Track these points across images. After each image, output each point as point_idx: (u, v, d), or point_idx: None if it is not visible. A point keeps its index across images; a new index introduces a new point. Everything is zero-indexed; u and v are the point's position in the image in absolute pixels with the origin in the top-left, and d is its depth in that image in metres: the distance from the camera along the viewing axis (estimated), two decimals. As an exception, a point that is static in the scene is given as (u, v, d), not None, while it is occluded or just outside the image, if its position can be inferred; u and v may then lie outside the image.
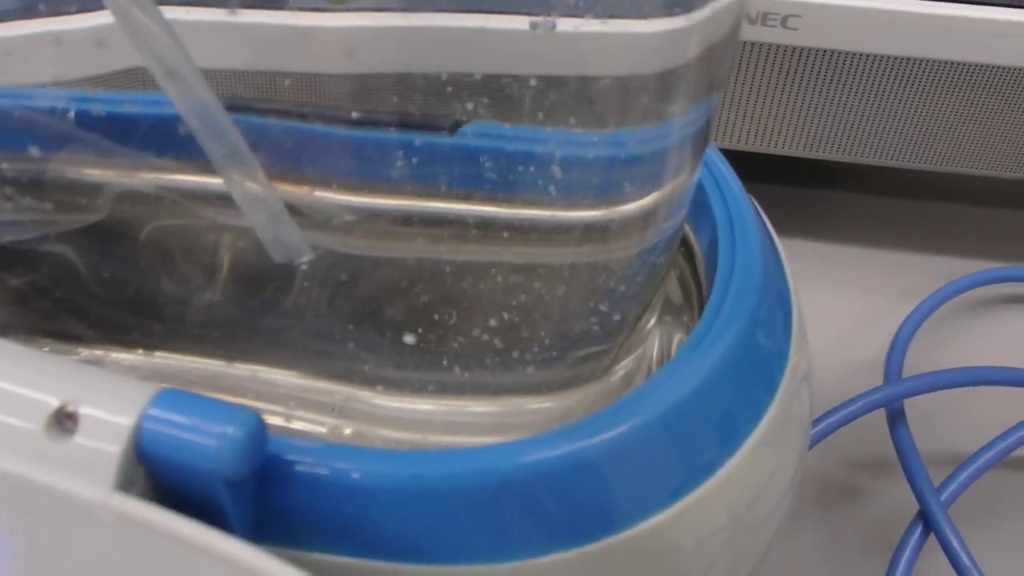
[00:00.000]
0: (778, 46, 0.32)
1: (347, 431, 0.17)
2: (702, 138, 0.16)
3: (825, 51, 0.32)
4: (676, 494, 0.14)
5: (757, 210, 0.19)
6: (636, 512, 0.14)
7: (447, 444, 0.17)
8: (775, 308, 0.17)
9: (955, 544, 0.24)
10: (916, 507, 0.26)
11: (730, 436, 0.15)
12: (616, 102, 0.15)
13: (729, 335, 0.15)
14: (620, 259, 0.16)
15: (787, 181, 0.41)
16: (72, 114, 0.17)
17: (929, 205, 0.41)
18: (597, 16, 0.14)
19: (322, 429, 0.18)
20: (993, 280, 0.35)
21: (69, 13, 0.17)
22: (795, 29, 0.31)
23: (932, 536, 0.25)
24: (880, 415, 0.28)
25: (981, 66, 0.32)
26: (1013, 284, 0.36)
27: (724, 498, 0.15)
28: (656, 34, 0.14)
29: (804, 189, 0.41)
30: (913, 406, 0.29)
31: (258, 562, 0.11)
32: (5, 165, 0.18)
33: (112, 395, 0.11)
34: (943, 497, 0.26)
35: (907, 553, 0.25)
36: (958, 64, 0.32)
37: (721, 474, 0.15)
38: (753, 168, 0.38)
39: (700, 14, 0.14)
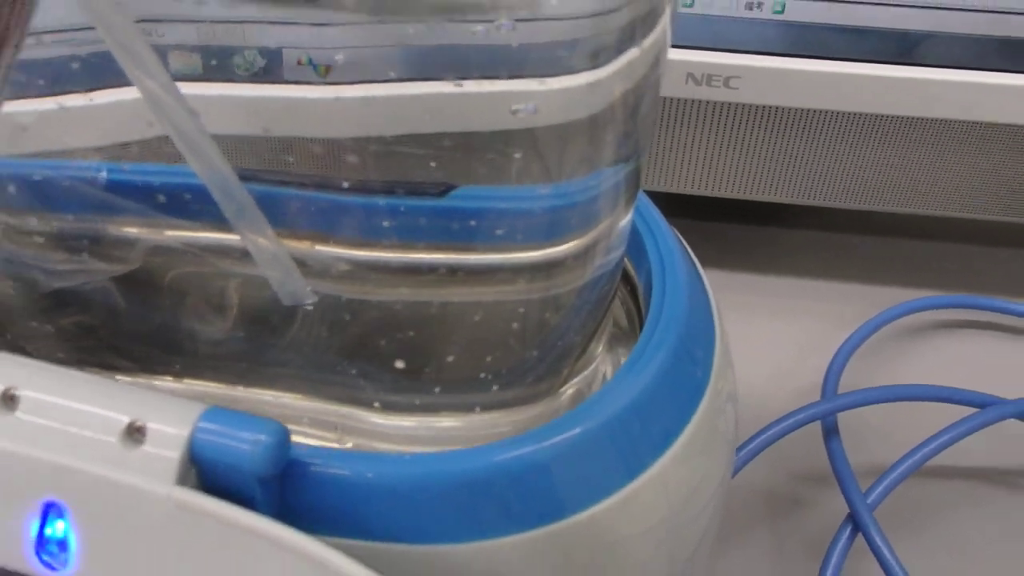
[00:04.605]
0: (722, 103, 0.35)
1: (347, 445, 0.21)
2: (632, 183, 0.19)
3: (762, 107, 0.35)
4: (616, 487, 0.17)
5: (687, 251, 0.22)
6: (583, 501, 0.17)
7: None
8: (699, 337, 0.20)
9: (878, 540, 0.28)
10: (847, 510, 0.29)
11: (660, 442, 0.18)
12: (551, 151, 0.18)
13: (658, 360, 0.19)
14: (564, 295, 0.19)
15: (736, 220, 0.44)
16: (111, 182, 0.20)
17: (866, 240, 0.44)
18: (533, 76, 0.17)
19: (326, 444, 0.21)
20: (924, 308, 0.38)
21: (108, 88, 0.20)
22: (736, 88, 0.34)
23: (860, 536, 0.29)
24: (818, 434, 0.32)
25: (900, 118, 0.35)
26: (943, 311, 0.39)
27: (660, 493, 0.19)
28: (583, 86, 0.17)
29: (752, 227, 0.44)
30: (846, 423, 0.32)
31: (284, 535, 0.14)
32: (57, 224, 0.21)
33: (172, 413, 0.15)
34: (869, 501, 0.29)
35: (838, 549, 0.28)
36: (879, 116, 0.35)
37: (654, 472, 0.18)
38: (706, 209, 0.42)
39: (618, 63, 0.17)
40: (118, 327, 0.22)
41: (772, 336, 0.38)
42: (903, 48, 0.34)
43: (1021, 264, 0.44)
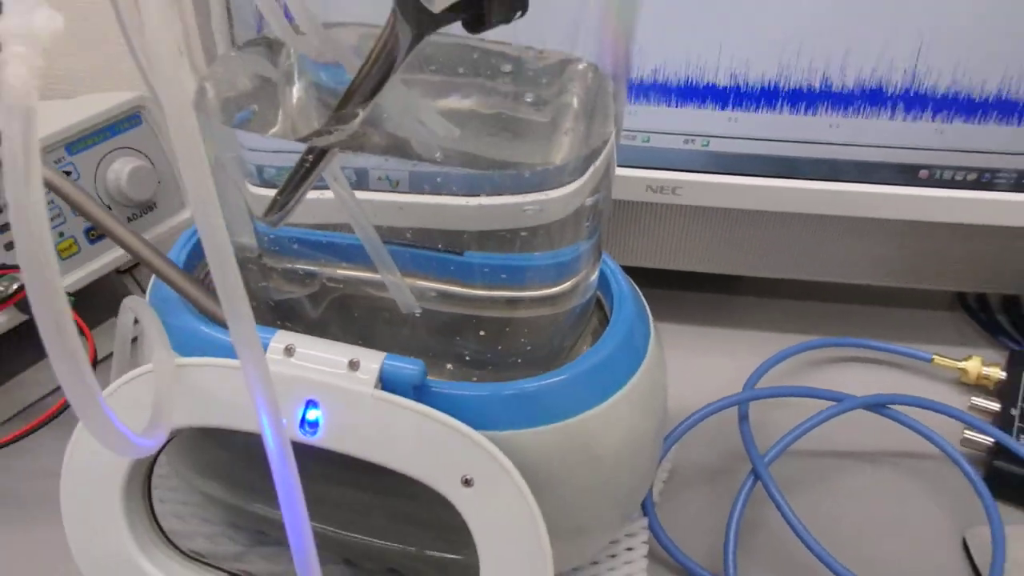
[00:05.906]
0: (671, 205, 0.49)
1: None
2: (597, 248, 0.34)
3: (698, 207, 0.49)
4: (588, 408, 0.32)
5: (635, 289, 0.37)
6: (570, 412, 0.32)
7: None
8: (639, 336, 0.35)
9: (771, 485, 0.41)
10: (750, 467, 0.43)
11: (612, 388, 0.33)
12: (554, 232, 0.31)
13: (611, 344, 0.34)
14: (562, 313, 0.34)
15: (687, 288, 0.58)
16: (311, 241, 0.34)
17: (776, 302, 0.58)
18: (539, 191, 0.29)
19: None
20: (813, 347, 0.52)
21: (319, 188, 0.31)
22: (680, 195, 0.48)
23: (761, 489, 0.42)
24: (735, 424, 0.46)
25: (793, 214, 0.49)
26: (827, 349, 0.53)
27: (613, 421, 0.33)
28: (569, 193, 0.30)
29: (699, 292, 0.58)
30: (754, 416, 0.46)
31: (432, 412, 0.29)
32: (279, 265, 0.34)
33: (372, 355, 0.30)
34: (766, 460, 0.43)
35: (743, 492, 0.42)
36: (779, 213, 0.49)
37: (608, 405, 0.33)
38: (665, 280, 0.56)
39: (584, 176, 0.30)
40: (308, 325, 0.35)
41: (708, 368, 0.51)
42: (789, 168, 0.47)
43: (882, 316, 0.58)
